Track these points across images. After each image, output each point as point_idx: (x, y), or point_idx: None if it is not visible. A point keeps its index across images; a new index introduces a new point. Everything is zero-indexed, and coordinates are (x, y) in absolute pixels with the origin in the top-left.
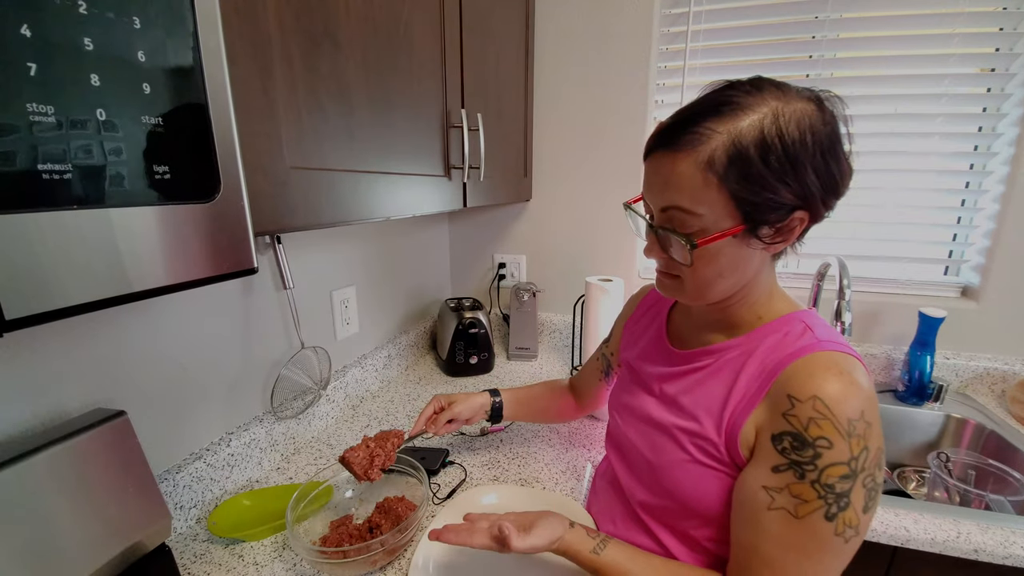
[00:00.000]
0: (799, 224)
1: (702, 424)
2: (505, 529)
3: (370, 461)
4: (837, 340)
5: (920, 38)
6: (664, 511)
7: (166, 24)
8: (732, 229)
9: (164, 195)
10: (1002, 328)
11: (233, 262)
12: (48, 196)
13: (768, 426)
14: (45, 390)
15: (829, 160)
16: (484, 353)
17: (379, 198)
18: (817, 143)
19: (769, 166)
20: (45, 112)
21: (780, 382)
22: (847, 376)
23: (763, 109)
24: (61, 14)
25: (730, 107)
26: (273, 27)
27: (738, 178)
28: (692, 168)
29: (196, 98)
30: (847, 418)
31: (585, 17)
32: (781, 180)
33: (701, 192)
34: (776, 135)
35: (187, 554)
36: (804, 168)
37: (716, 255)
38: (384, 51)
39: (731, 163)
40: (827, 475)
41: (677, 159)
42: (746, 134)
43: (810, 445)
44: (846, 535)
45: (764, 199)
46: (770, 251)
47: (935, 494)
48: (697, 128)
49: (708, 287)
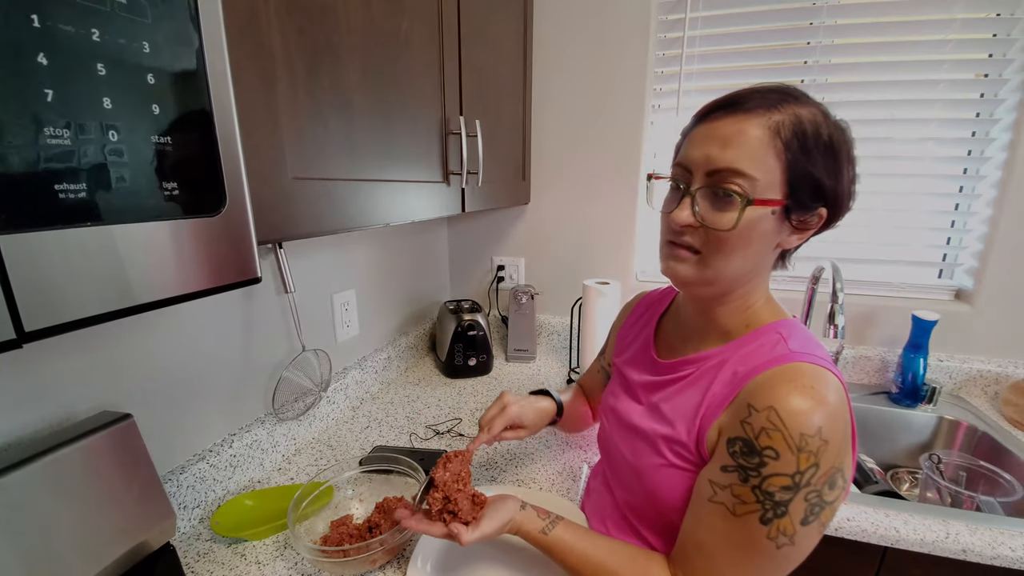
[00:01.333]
0: (818, 221)
1: (676, 429)
2: (454, 529)
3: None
4: (812, 352)
5: (913, 44)
6: (646, 512)
7: (173, 47)
8: (777, 200)
9: (172, 210)
10: (995, 331)
11: (237, 272)
12: (64, 215)
13: (727, 430)
14: (54, 394)
15: (854, 164)
16: (483, 355)
17: (379, 205)
18: (848, 152)
19: (819, 151)
20: (61, 135)
21: (746, 390)
22: (811, 390)
23: (814, 107)
24: (76, 42)
25: (790, 93)
26: (276, 43)
27: (797, 151)
28: (760, 130)
29: (202, 116)
30: (800, 432)
31: (582, 24)
32: (825, 168)
33: (762, 156)
34: (827, 127)
35: (191, 553)
36: (841, 165)
37: (752, 227)
38: (384, 62)
39: (795, 135)
40: (768, 483)
41: (746, 120)
42: (805, 117)
43: (757, 453)
44: (778, 541)
45: (811, 180)
46: (787, 244)
47: (927, 495)
48: (766, 99)
49: (727, 265)
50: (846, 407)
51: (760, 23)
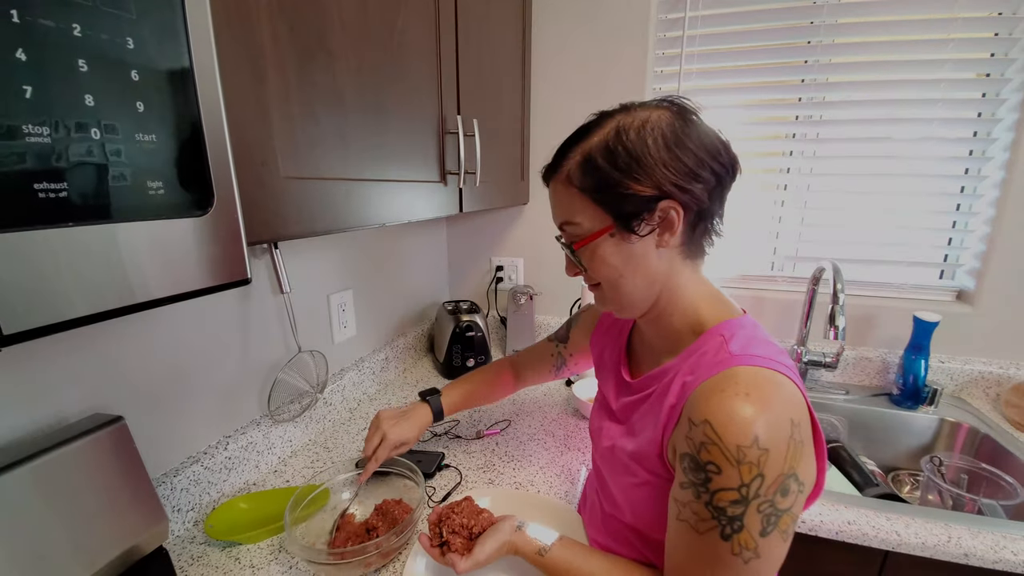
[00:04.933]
0: (676, 215)
1: (645, 446)
2: (449, 560)
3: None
4: (751, 353)
5: (915, 43)
6: (634, 529)
7: (159, 43)
8: (604, 228)
9: (158, 210)
10: (997, 332)
11: (227, 273)
12: (44, 214)
13: (678, 445)
14: (44, 396)
15: (677, 151)
16: (481, 356)
17: (374, 205)
18: (658, 140)
19: (616, 166)
20: (41, 132)
21: (688, 403)
22: (745, 397)
23: (609, 125)
24: (56, 37)
25: (587, 131)
26: (267, 39)
27: (592, 183)
28: (559, 186)
29: (189, 114)
30: (735, 444)
31: (582, 23)
32: (630, 176)
33: (572, 204)
34: (618, 141)
35: (184, 556)
36: (649, 162)
37: (605, 256)
38: (379, 59)
39: (584, 173)
40: (718, 499)
41: (553, 183)
42: (594, 147)
43: (702, 469)
44: (744, 556)
45: (620, 195)
46: (663, 244)
47: (928, 498)
48: (563, 154)
49: (619, 290)
50: (793, 407)
51: (760, 22)
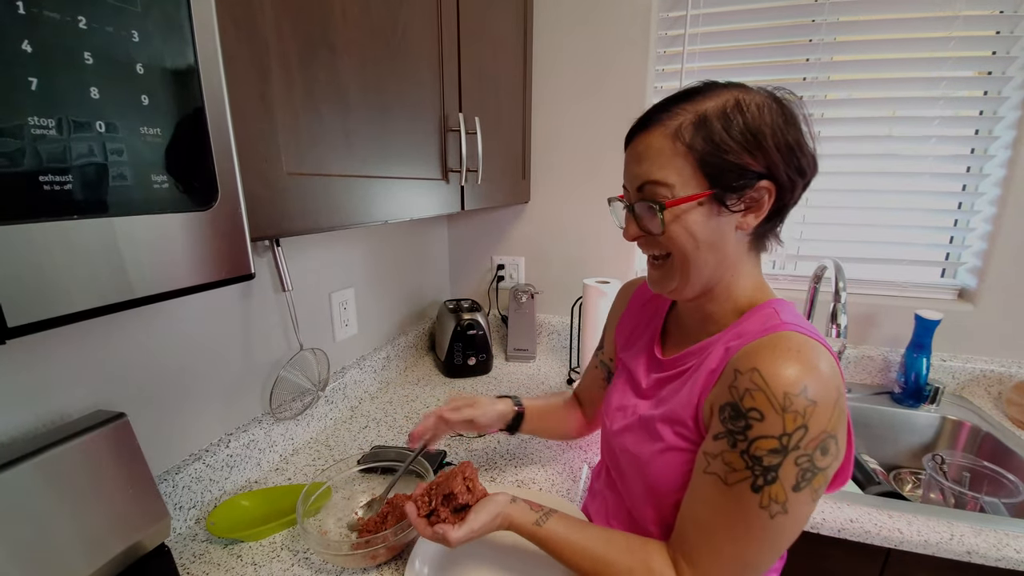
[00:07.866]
0: (767, 195)
1: (677, 411)
2: (439, 530)
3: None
4: (802, 325)
5: (916, 41)
6: (648, 503)
7: (164, 36)
8: (699, 194)
9: (162, 204)
10: (998, 330)
11: (230, 268)
12: (49, 206)
13: (718, 399)
14: (46, 393)
15: (789, 136)
16: (482, 354)
17: (376, 202)
18: (776, 121)
19: (731, 134)
20: (46, 125)
21: (734, 359)
22: (796, 354)
23: (726, 95)
24: (62, 29)
25: (698, 93)
26: (271, 35)
27: (703, 143)
28: (661, 140)
29: (194, 108)
30: (783, 392)
31: (582, 22)
32: (743, 147)
33: (670, 160)
34: (738, 111)
35: (186, 554)
36: (765, 138)
37: (689, 223)
38: (381, 56)
39: (696, 130)
40: (756, 447)
41: (650, 135)
42: (711, 109)
43: (743, 416)
44: (772, 510)
45: (727, 163)
46: (744, 227)
47: (930, 496)
48: (667, 109)
49: (690, 264)
50: (838, 377)
51: (762, 20)
